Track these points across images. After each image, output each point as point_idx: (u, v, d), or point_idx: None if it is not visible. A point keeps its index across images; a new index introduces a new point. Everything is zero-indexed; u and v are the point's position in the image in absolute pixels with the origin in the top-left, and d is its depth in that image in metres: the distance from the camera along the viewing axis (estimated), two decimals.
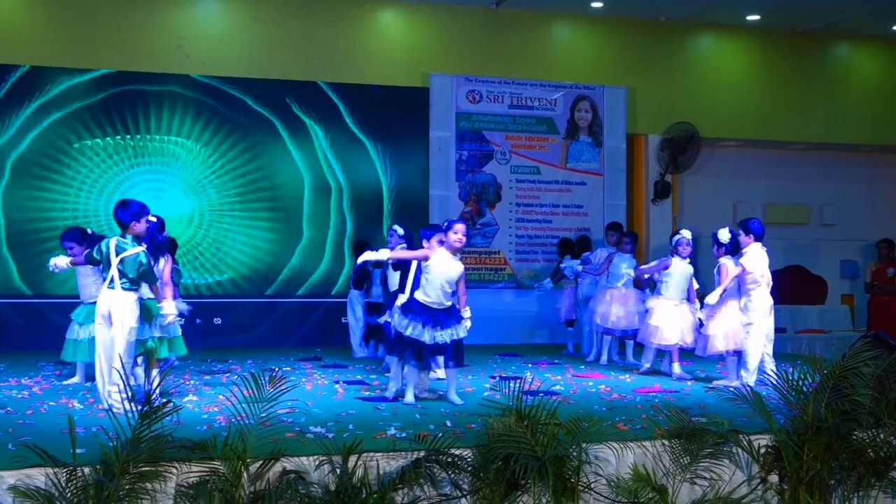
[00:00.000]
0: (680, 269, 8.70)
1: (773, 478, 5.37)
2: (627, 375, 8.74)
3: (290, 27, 11.92)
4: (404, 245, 8.49)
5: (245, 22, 11.87)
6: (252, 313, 11.57)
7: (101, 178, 11.20)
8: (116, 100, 11.23)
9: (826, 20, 12.99)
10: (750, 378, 7.61)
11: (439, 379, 7.53)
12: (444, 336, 6.84)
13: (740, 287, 7.94)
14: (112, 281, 6.54)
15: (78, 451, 4.46)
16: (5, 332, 10.76)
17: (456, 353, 6.98)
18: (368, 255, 7.09)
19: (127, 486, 4.41)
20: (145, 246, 6.69)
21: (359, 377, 8.42)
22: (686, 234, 8.81)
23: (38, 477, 4.44)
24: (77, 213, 11.03)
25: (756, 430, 5.48)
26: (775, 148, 13.97)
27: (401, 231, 8.83)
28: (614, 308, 9.43)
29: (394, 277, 8.33)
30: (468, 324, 7.00)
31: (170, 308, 6.81)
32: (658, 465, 5.22)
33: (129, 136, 11.28)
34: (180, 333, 7.44)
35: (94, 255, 6.64)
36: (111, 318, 6.53)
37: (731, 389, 7.04)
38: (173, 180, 11.42)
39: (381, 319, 8.53)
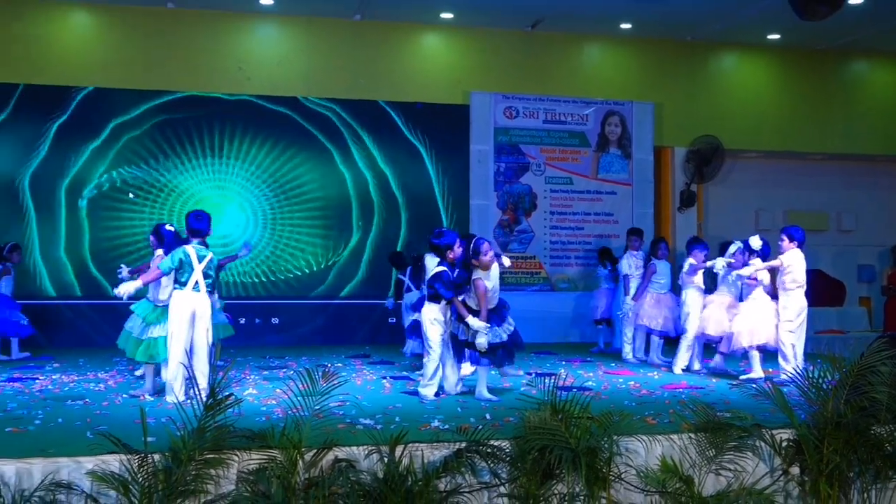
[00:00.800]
0: None
1: (795, 470, 5.29)
2: (656, 372, 8.67)
3: (340, 50, 12.01)
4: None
5: (300, 46, 11.99)
6: (306, 313, 11.64)
7: (173, 192, 11.36)
8: (183, 119, 11.41)
9: (843, 38, 12.79)
10: (789, 366, 7.44)
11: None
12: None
13: (775, 287, 7.83)
14: (197, 284, 6.67)
15: (149, 439, 4.52)
16: (86, 331, 10.95)
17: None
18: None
19: (193, 472, 4.46)
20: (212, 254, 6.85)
21: (405, 373, 8.44)
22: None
23: (113, 463, 4.50)
24: (145, 225, 11.19)
25: (778, 424, 5.39)
26: (795, 158, 13.77)
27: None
28: (660, 310, 9.35)
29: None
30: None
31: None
32: (685, 456, 5.17)
33: (194, 153, 11.44)
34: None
35: (172, 264, 6.62)
36: (195, 318, 6.65)
37: (754, 386, 6.98)
38: (235, 192, 11.55)
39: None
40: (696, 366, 8.80)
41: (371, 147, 11.91)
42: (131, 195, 11.26)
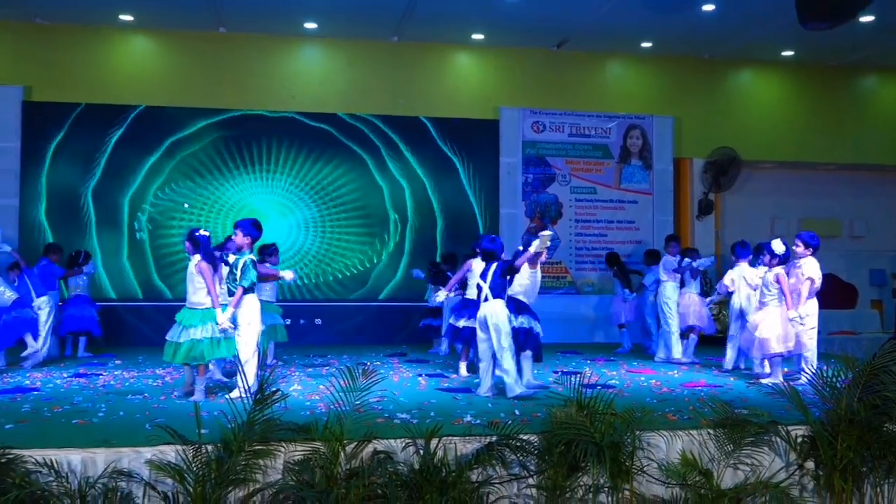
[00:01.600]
0: None
1: (810, 464, 5.21)
2: (675, 371, 8.56)
3: (378, 70, 12.07)
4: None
5: (340, 66, 12.07)
6: (347, 314, 11.68)
7: (227, 202, 11.48)
8: (233, 135, 11.53)
9: (854, 55, 12.60)
10: (810, 368, 7.31)
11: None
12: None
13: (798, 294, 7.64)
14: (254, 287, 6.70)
15: (202, 431, 4.56)
16: (144, 331, 11.07)
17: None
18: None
19: (243, 462, 4.49)
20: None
21: (438, 371, 8.43)
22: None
23: (169, 453, 4.55)
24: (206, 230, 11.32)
25: (793, 421, 5.31)
26: (808, 169, 13.58)
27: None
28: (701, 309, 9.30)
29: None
30: None
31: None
32: (704, 451, 5.11)
33: (243, 166, 11.55)
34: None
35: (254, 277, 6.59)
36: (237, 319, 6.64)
37: (771, 385, 6.88)
38: (282, 202, 11.64)
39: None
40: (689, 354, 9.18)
41: (409, 159, 11.96)
42: (186, 205, 11.40)
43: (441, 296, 7.71)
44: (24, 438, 4.77)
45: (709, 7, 10.62)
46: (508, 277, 6.87)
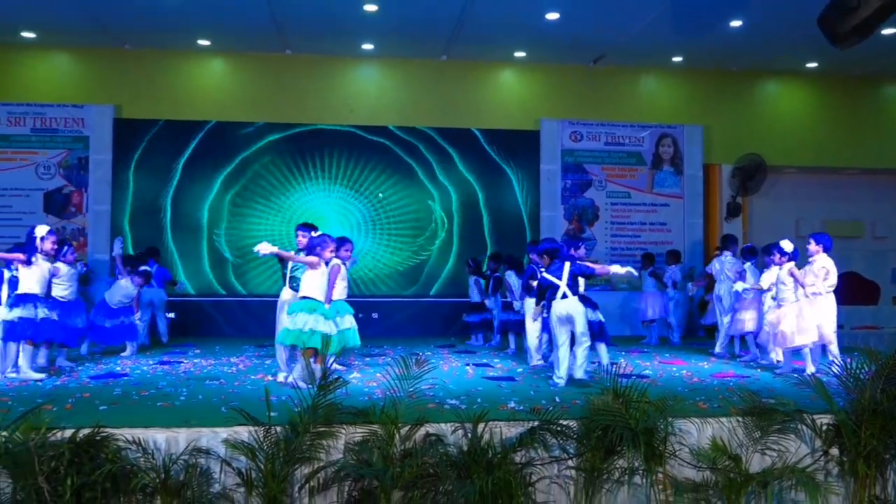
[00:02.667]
0: None
1: (834, 451, 5.06)
2: (705, 362, 8.41)
3: (429, 86, 12.09)
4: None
5: (395, 83, 12.12)
6: (400, 309, 11.74)
7: (286, 206, 11.63)
8: (297, 146, 11.68)
9: (875, 65, 12.21)
10: (837, 359, 7.13)
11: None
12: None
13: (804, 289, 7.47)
14: (285, 280, 6.79)
15: (272, 414, 4.61)
16: (220, 323, 11.28)
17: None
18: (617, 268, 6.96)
19: (308, 443, 4.53)
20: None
21: (484, 361, 8.41)
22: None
23: (242, 433, 4.61)
24: (268, 233, 11.50)
25: (818, 410, 5.17)
26: (832, 173, 13.21)
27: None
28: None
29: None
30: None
31: None
32: (733, 437, 5.00)
33: (307, 173, 11.69)
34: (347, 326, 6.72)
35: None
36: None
37: (797, 376, 6.70)
38: (341, 206, 11.74)
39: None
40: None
41: (457, 166, 11.99)
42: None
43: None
44: (115, 419, 4.88)
45: (736, 23, 10.42)
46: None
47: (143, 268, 9.12)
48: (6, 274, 7.16)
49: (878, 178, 13.37)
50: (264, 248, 6.27)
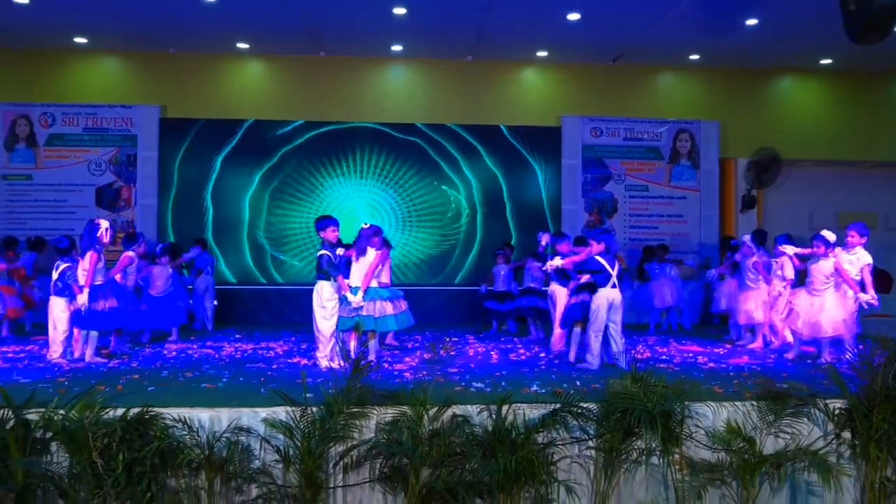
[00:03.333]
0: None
1: (846, 435, 5.00)
2: (721, 349, 8.32)
3: (455, 85, 12.05)
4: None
5: (423, 83, 12.10)
6: (428, 296, 11.71)
7: (320, 200, 11.68)
8: (331, 143, 11.70)
9: (890, 62, 11.92)
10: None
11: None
12: None
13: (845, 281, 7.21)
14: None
15: (308, 395, 4.66)
16: (261, 309, 11.39)
17: None
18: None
19: (342, 422, 4.57)
20: (327, 250, 6.78)
21: (508, 346, 8.40)
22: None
23: (280, 413, 4.67)
24: (303, 226, 11.58)
25: (831, 395, 5.10)
26: (845, 166, 12.93)
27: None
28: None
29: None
30: None
31: None
32: (747, 420, 4.96)
33: (340, 169, 11.73)
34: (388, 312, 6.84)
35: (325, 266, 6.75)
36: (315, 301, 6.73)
37: (809, 361, 6.61)
38: (375, 200, 11.77)
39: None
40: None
41: (482, 161, 11.91)
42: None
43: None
44: (163, 399, 4.97)
45: (752, 21, 10.23)
46: None
47: (187, 255, 9.51)
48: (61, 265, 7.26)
49: (892, 170, 13.06)
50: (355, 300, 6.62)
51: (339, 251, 6.86)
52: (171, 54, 11.56)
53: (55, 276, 7.04)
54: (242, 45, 11.38)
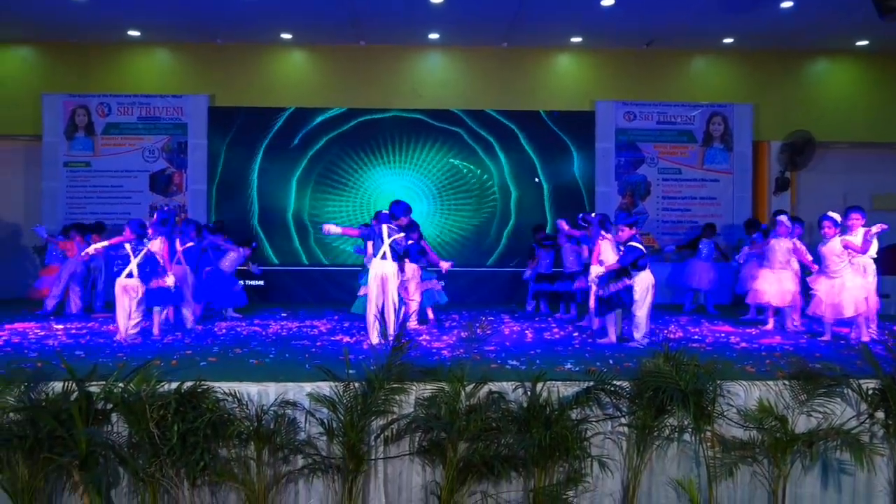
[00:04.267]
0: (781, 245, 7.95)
1: (880, 415, 4.87)
2: (753, 329, 8.15)
3: (490, 71, 11.94)
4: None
5: (461, 70, 12.00)
6: (465, 277, 11.70)
7: (360, 184, 11.73)
8: (371, 129, 11.70)
9: None
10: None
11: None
12: None
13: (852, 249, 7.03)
14: (385, 255, 6.79)
15: (350, 371, 4.70)
16: (305, 289, 11.51)
17: None
18: None
19: (383, 398, 4.62)
20: (403, 234, 6.88)
21: (542, 325, 8.35)
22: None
23: (324, 388, 4.72)
24: (344, 209, 11.64)
25: (865, 375, 4.97)
26: (879, 148, 12.46)
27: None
28: None
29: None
30: None
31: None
32: (780, 399, 4.86)
33: (380, 154, 11.74)
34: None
35: (367, 235, 6.90)
36: (384, 280, 6.73)
37: (843, 342, 6.46)
38: (412, 184, 11.78)
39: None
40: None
41: (518, 146, 11.78)
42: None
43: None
44: (214, 373, 5.06)
45: (787, 4, 9.90)
46: None
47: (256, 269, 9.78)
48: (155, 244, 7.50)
49: None
50: (332, 228, 6.57)
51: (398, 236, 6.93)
52: (219, 45, 11.66)
53: (138, 259, 7.11)
54: (286, 36, 11.42)
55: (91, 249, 7.10)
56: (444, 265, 7.39)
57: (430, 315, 8.40)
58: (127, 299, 6.98)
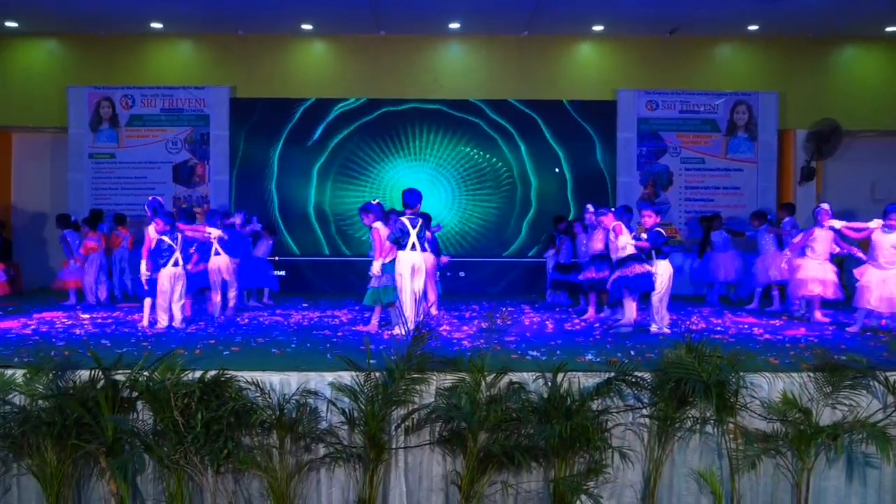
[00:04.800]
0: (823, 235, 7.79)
1: None
2: (777, 320, 8.05)
3: (511, 61, 11.87)
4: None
5: (481, 59, 11.95)
6: (486, 268, 11.72)
7: (380, 175, 11.74)
8: (389, 119, 11.70)
9: None
10: None
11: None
12: None
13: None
14: (414, 245, 6.73)
15: (371, 361, 4.73)
16: (325, 279, 11.58)
17: None
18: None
19: (403, 387, 4.63)
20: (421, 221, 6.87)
21: (563, 315, 8.32)
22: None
23: (346, 377, 4.75)
24: (365, 199, 11.64)
25: (891, 367, 4.89)
26: None
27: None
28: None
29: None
30: None
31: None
32: (804, 392, 4.80)
33: (400, 145, 11.75)
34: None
35: (398, 235, 6.71)
36: (415, 271, 6.67)
37: (870, 334, 6.35)
38: (432, 174, 11.77)
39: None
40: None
41: (539, 135, 11.73)
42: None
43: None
44: (237, 363, 5.12)
45: None
46: None
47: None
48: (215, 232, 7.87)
49: None
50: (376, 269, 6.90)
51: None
52: (240, 37, 11.72)
53: (177, 247, 7.23)
54: (306, 27, 11.44)
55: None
56: (444, 259, 7.41)
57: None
58: (173, 286, 7.14)
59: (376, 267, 6.87)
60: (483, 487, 4.61)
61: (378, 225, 7.05)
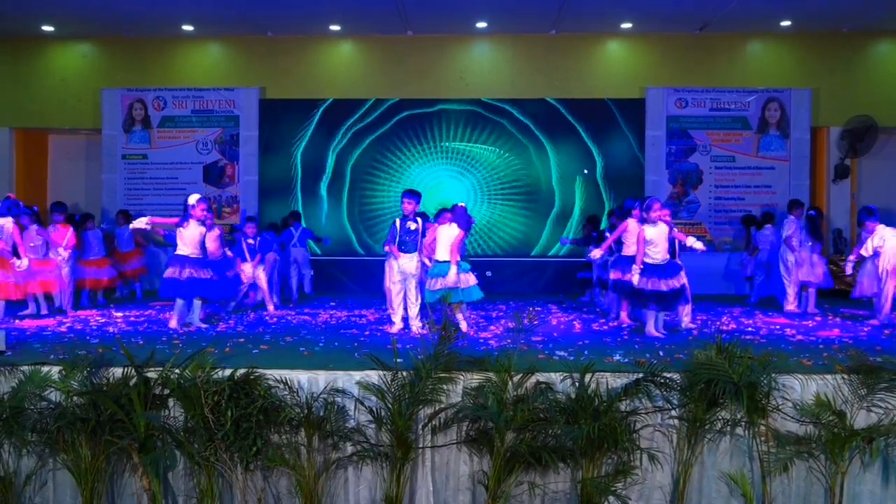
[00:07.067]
0: None
1: None
2: (810, 321, 7.90)
3: (539, 59, 11.81)
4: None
5: (507, 57, 11.92)
6: (512, 268, 11.66)
7: (408, 174, 11.76)
8: (419, 119, 11.72)
9: None
10: None
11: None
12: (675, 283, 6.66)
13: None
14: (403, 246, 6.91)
15: (398, 360, 4.74)
16: (352, 279, 11.63)
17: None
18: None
19: (430, 387, 4.63)
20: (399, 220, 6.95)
21: (592, 316, 8.26)
22: None
23: (373, 376, 4.77)
24: (394, 199, 11.70)
25: None
26: None
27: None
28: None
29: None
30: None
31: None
32: (838, 394, 4.71)
33: (427, 143, 11.76)
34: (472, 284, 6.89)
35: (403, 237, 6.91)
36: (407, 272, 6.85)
37: None
38: (459, 174, 11.76)
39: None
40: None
41: (569, 133, 11.64)
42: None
43: (595, 254, 7.62)
44: (265, 361, 5.17)
45: None
46: None
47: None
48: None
49: None
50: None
51: (411, 224, 6.93)
52: (269, 38, 11.84)
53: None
54: (334, 28, 11.51)
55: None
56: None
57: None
58: None
59: (452, 274, 6.66)
60: (510, 487, 4.60)
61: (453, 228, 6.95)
